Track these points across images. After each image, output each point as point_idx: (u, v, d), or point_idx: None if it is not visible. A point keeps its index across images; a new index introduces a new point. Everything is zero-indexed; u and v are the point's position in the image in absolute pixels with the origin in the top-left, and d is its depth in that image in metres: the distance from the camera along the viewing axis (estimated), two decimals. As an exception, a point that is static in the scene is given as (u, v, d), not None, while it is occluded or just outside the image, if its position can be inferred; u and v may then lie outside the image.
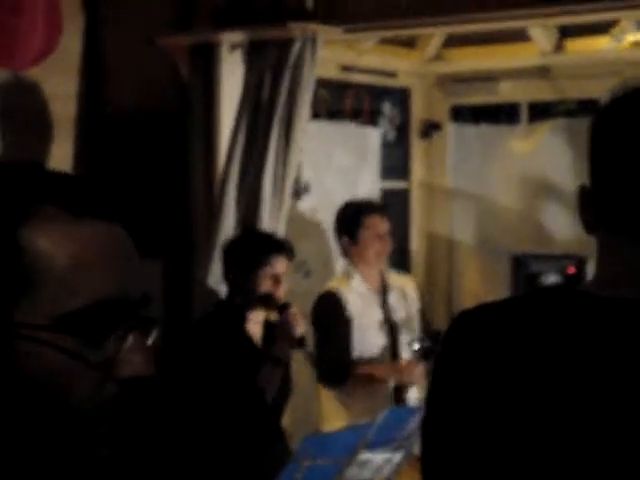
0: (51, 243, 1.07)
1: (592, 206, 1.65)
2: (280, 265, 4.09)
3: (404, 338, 4.93)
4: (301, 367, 4.55)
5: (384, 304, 4.96)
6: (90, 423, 1.09)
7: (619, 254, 1.64)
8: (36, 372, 1.06)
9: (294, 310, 4.06)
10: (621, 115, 1.63)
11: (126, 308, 1.10)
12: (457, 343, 1.77)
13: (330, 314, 4.82)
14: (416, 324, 5.04)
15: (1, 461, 1.10)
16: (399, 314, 4.98)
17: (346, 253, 4.95)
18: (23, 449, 1.10)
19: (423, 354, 4.79)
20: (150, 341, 1.14)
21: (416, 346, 4.78)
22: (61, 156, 4.97)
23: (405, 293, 5.06)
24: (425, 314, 5.14)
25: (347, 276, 4.94)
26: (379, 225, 4.90)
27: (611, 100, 1.63)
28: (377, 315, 4.92)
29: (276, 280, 4.07)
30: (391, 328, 4.93)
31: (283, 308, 4.06)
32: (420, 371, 4.73)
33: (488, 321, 1.75)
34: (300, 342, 4.06)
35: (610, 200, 1.63)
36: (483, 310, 1.80)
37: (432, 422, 1.80)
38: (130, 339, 1.10)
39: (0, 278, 1.06)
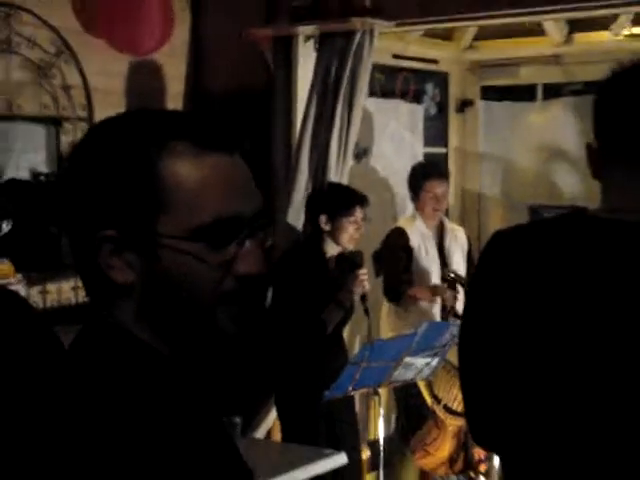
0: (183, 171, 1.07)
1: (597, 156, 1.70)
2: (360, 214, 4.09)
3: (449, 273, 4.88)
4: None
5: (440, 243, 4.98)
6: (214, 307, 1.09)
7: (620, 189, 1.68)
8: (173, 272, 1.07)
9: (364, 271, 4.02)
10: (618, 87, 1.68)
11: (242, 221, 1.09)
12: (489, 259, 1.76)
13: (397, 245, 4.83)
14: (462, 261, 5.02)
15: (156, 334, 1.11)
16: (452, 252, 4.98)
17: (413, 201, 4.98)
18: (167, 329, 1.11)
19: (450, 283, 4.76)
20: (267, 244, 1.15)
21: (450, 275, 4.77)
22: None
23: (457, 237, 5.04)
24: (472, 256, 5.04)
25: (413, 218, 4.94)
26: (436, 188, 4.85)
27: (610, 76, 1.68)
28: (433, 251, 4.92)
29: (357, 226, 4.08)
30: (443, 262, 4.93)
31: (356, 266, 4.01)
32: (451, 294, 4.73)
33: (518, 239, 1.74)
34: (363, 297, 4.01)
35: (612, 150, 1.68)
36: (514, 230, 1.79)
37: (467, 330, 1.78)
38: (246, 245, 1.10)
39: (145, 200, 1.07)
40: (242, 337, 1.13)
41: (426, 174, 4.89)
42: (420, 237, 4.88)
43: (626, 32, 4.96)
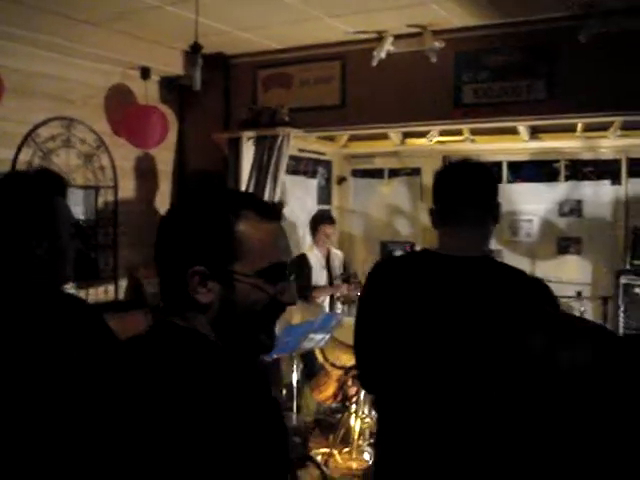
0: (250, 232, 1.05)
1: (435, 217, 1.77)
2: None
3: (335, 277, 5.07)
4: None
5: (327, 262, 5.09)
6: (262, 321, 1.07)
7: (449, 236, 1.73)
8: (242, 297, 1.06)
9: None
10: (446, 176, 1.76)
11: (286, 267, 1.09)
12: (372, 278, 1.78)
13: (302, 264, 4.92)
14: (339, 271, 5.14)
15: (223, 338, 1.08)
16: (334, 267, 5.08)
17: (312, 236, 5.06)
18: (227, 333, 1.08)
19: (343, 280, 5.02)
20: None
21: (342, 277, 4.97)
22: (163, 191, 5.02)
23: (338, 258, 5.16)
24: (346, 266, 5.19)
25: (312, 247, 5.05)
26: (327, 229, 4.97)
27: (442, 169, 1.78)
28: (323, 266, 5.03)
29: None
30: (329, 272, 5.08)
31: None
32: (344, 288, 4.89)
33: (390, 266, 1.79)
34: None
35: (444, 212, 1.75)
36: (387, 260, 1.90)
37: (359, 320, 1.80)
38: (288, 282, 1.09)
39: (225, 249, 1.04)
40: (270, 344, 1.11)
41: (320, 220, 5.04)
42: (316, 259, 4.98)
43: (435, 139, 5.15)
